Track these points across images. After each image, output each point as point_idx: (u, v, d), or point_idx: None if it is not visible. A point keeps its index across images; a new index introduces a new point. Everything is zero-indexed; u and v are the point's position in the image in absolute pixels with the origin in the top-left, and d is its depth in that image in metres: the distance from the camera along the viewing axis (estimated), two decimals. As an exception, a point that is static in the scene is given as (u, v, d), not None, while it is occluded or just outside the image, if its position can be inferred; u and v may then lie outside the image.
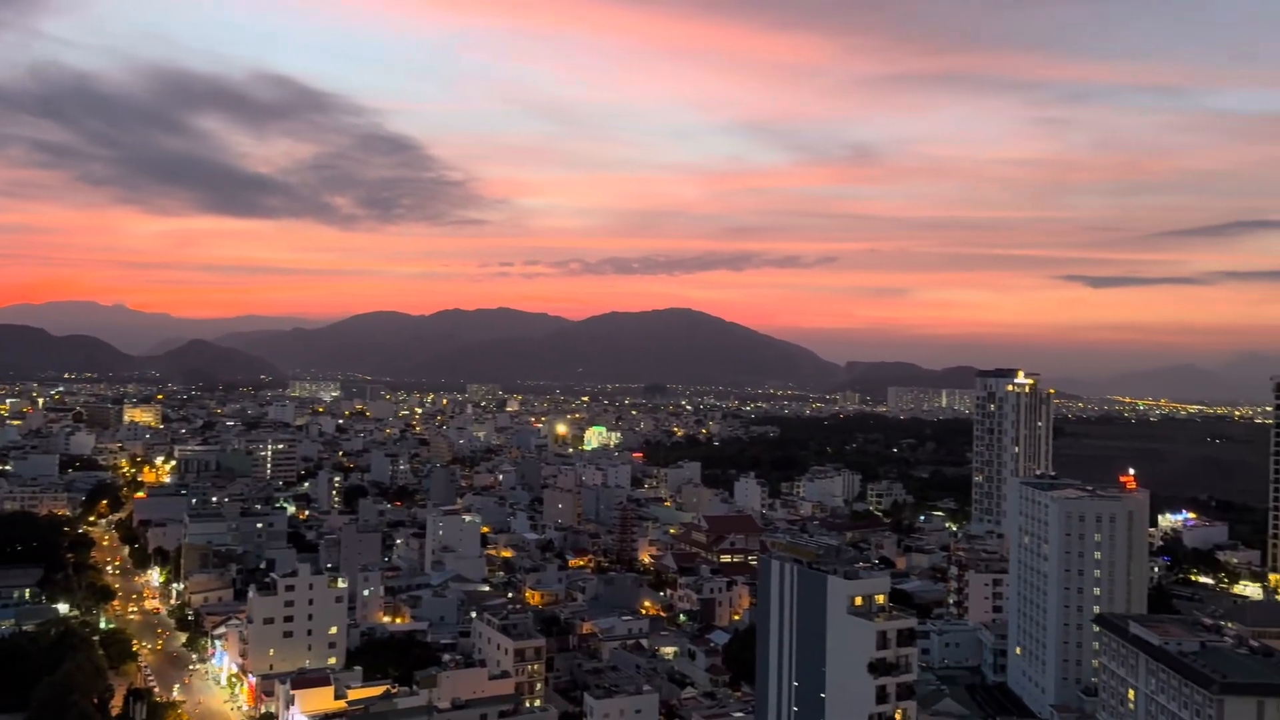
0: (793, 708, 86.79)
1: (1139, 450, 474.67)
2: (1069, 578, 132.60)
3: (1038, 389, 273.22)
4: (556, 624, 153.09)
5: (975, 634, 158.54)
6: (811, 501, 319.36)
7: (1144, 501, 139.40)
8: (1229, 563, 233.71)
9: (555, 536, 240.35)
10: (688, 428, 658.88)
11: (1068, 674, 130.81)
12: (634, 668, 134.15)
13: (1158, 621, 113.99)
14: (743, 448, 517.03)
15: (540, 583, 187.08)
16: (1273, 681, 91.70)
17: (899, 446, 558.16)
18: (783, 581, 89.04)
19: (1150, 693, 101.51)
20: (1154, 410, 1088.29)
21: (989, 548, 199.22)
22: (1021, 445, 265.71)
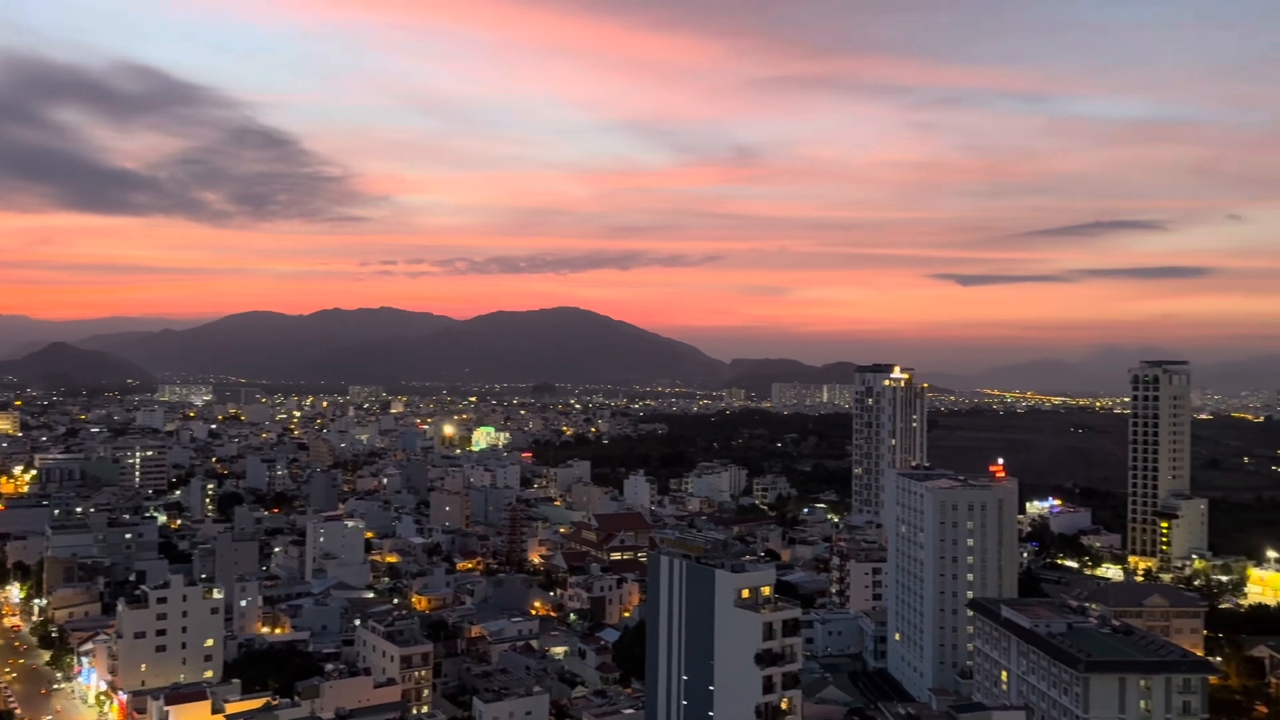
0: (682, 701, 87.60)
1: (1007, 441, 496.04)
2: (944, 565, 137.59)
3: (912, 383, 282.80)
4: (444, 628, 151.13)
5: (857, 622, 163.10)
6: (700, 497, 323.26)
7: (1013, 490, 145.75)
8: (1092, 547, 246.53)
9: (443, 540, 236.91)
10: (577, 427, 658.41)
11: (944, 658, 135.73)
12: (524, 669, 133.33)
13: (1027, 605, 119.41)
14: (632, 446, 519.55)
15: (427, 587, 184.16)
16: (1133, 659, 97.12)
17: (783, 441, 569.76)
18: (672, 577, 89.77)
19: (1022, 673, 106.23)
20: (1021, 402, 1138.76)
21: (868, 538, 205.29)
22: (898, 438, 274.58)
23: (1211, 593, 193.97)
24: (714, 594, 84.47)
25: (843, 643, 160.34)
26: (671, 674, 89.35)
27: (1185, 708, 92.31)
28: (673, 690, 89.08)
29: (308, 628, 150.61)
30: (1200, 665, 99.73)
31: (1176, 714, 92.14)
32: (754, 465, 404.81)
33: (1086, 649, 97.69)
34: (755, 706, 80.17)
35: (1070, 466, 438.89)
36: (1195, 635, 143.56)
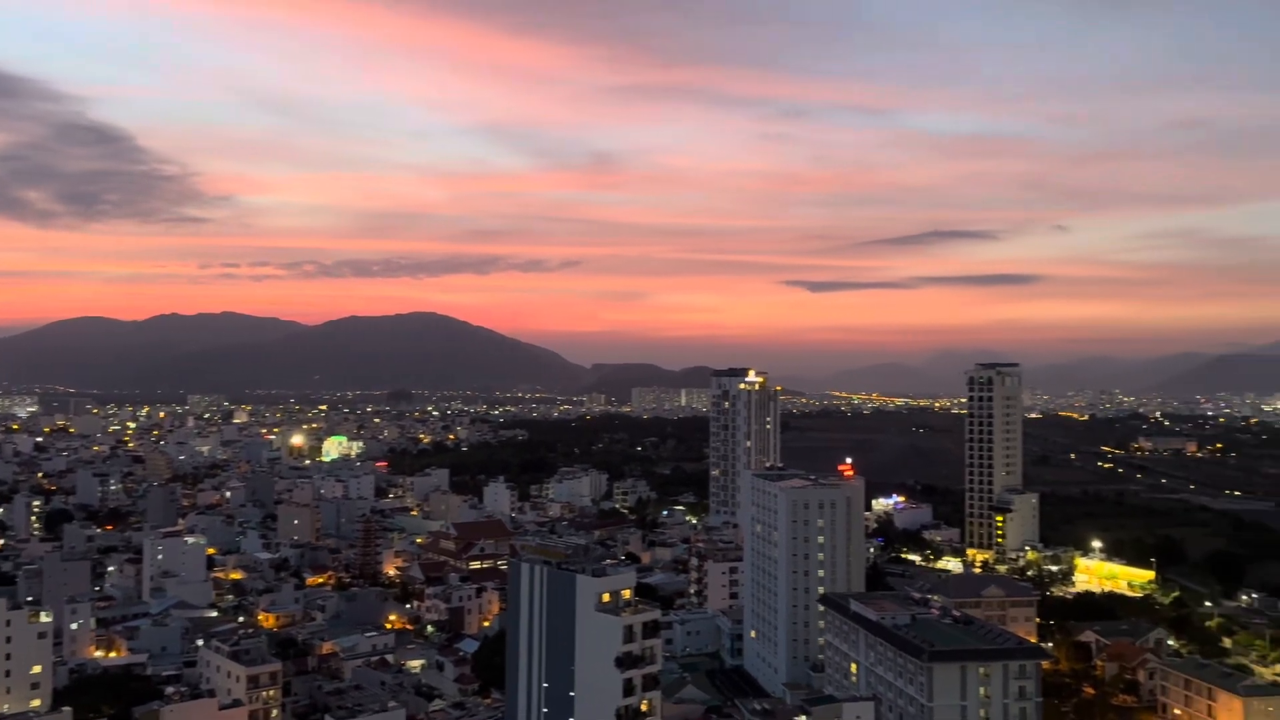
0: (543, 709, 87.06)
1: (855, 441, 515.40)
2: (796, 562, 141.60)
3: (766, 387, 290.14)
4: (293, 646, 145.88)
5: (714, 621, 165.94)
6: (560, 502, 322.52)
7: (860, 488, 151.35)
8: (933, 541, 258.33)
9: (291, 554, 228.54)
10: (435, 434, 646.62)
11: (797, 653, 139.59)
12: (379, 685, 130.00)
13: (874, 598, 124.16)
14: (492, 452, 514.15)
15: (275, 604, 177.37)
16: (972, 647, 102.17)
17: (643, 445, 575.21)
18: (532, 583, 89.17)
19: (870, 665, 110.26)
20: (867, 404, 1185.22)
21: (725, 538, 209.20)
22: (753, 440, 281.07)
23: (1043, 582, 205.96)
24: (575, 599, 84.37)
25: (701, 642, 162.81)
26: (532, 682, 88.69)
27: (1021, 692, 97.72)
28: (533, 698, 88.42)
29: (146, 650, 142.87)
30: (1034, 651, 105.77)
31: (1013, 699, 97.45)
32: (614, 469, 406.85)
33: (930, 639, 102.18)
34: (616, 710, 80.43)
35: (913, 464, 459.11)
36: (1029, 623, 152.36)
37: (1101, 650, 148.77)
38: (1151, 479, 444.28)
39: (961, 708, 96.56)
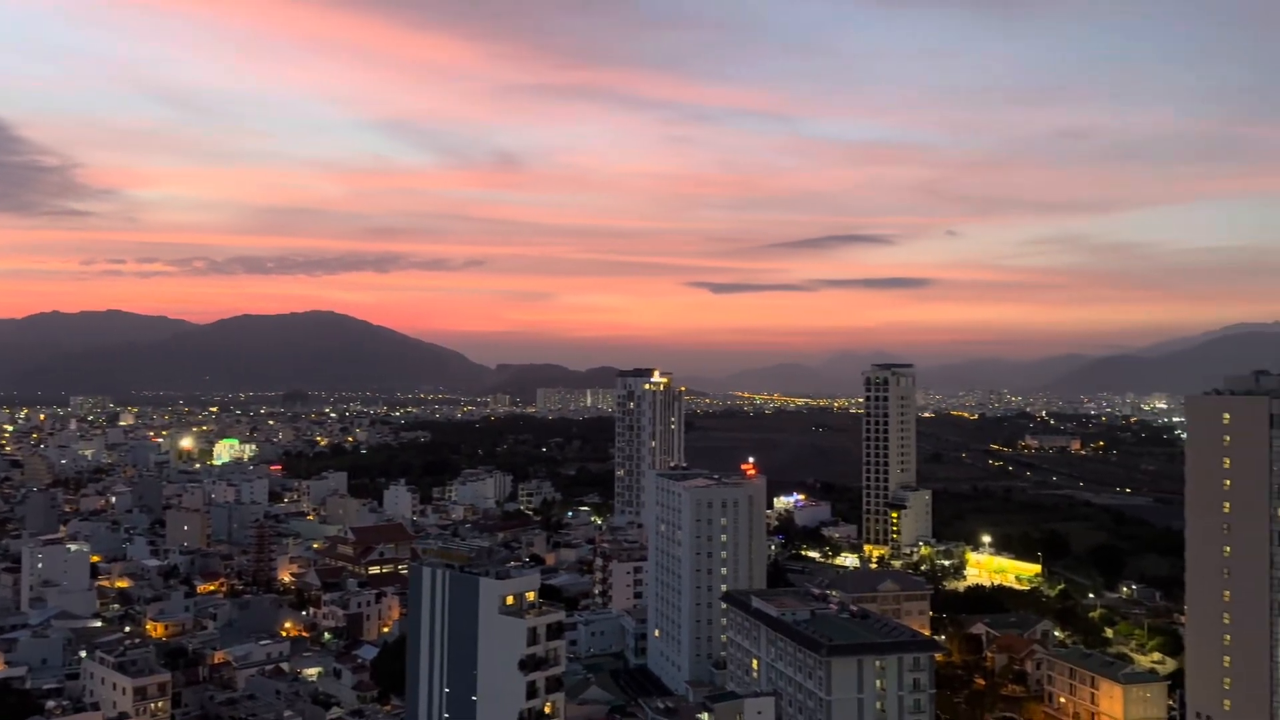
0: (444, 714, 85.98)
1: (757, 440, 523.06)
2: (700, 560, 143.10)
3: (671, 387, 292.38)
4: (184, 656, 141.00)
5: (619, 621, 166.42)
6: (464, 505, 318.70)
7: (762, 487, 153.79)
8: (832, 538, 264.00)
9: (181, 561, 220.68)
10: (332, 436, 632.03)
11: (700, 651, 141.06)
12: (274, 694, 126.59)
13: (775, 595, 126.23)
14: (392, 454, 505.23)
15: (164, 613, 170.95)
16: (869, 641, 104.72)
17: (548, 446, 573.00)
18: (434, 587, 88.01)
19: (771, 660, 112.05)
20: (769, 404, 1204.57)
21: (630, 538, 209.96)
22: (658, 439, 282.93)
23: (936, 576, 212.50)
24: (478, 602, 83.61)
25: (605, 642, 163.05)
26: (433, 687, 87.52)
27: (915, 684, 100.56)
28: (434, 703, 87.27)
29: (24, 662, 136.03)
30: (928, 644, 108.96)
31: (908, 691, 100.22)
32: (519, 470, 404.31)
33: (828, 634, 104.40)
34: (519, 712, 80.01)
35: (812, 463, 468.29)
36: (923, 616, 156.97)
37: (991, 642, 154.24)
38: (1038, 476, 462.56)
39: (858, 701, 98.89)
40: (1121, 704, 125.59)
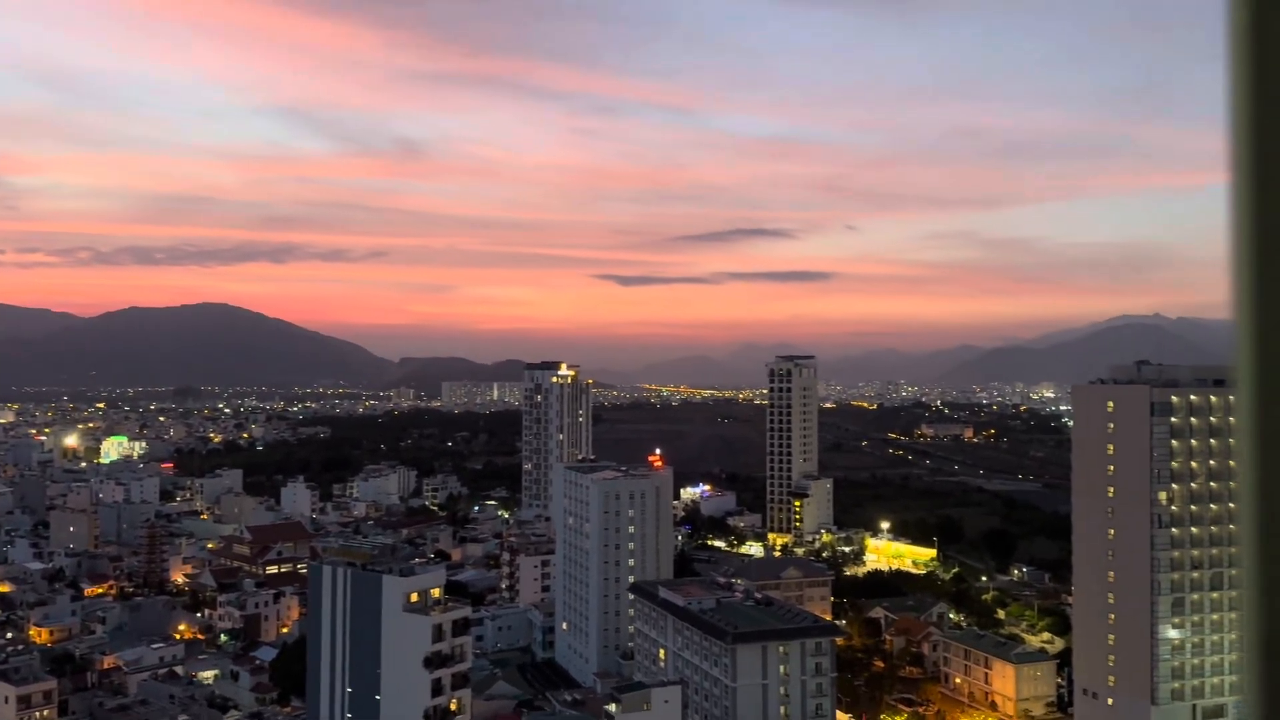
0: (347, 714, 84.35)
1: (664, 432, 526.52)
2: (608, 552, 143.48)
3: (578, 380, 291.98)
4: (71, 661, 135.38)
5: (526, 615, 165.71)
6: (366, 502, 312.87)
7: (669, 478, 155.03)
8: (737, 527, 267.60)
9: (67, 563, 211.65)
10: (227, 433, 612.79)
11: (608, 642, 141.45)
12: (168, 699, 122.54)
13: (682, 584, 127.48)
14: (290, 451, 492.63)
15: (48, 618, 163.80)
16: (772, 627, 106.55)
17: (454, 440, 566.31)
18: (335, 586, 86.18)
19: (678, 649, 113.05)
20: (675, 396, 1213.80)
21: (538, 531, 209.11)
22: (565, 433, 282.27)
23: (837, 562, 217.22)
24: (381, 600, 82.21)
25: (512, 637, 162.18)
26: (335, 687, 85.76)
27: (817, 668, 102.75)
28: (337, 703, 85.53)
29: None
30: (829, 629, 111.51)
31: (810, 675, 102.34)
32: (424, 465, 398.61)
33: (733, 622, 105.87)
34: (424, 710, 79.02)
35: (718, 454, 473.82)
36: (824, 602, 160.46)
37: (890, 625, 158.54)
38: (934, 464, 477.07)
39: (763, 686, 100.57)
40: (1014, 683, 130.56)
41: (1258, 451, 2.54)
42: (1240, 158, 2.58)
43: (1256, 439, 2.53)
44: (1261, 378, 2.51)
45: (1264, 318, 2.52)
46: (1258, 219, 2.54)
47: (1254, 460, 2.56)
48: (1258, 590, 2.59)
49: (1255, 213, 2.55)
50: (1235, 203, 2.62)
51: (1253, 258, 2.54)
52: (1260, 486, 2.53)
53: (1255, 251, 2.54)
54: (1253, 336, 2.53)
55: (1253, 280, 2.54)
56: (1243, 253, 2.57)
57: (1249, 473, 2.59)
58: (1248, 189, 2.55)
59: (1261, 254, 2.53)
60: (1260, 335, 2.52)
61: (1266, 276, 2.52)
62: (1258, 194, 2.53)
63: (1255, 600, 2.60)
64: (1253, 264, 2.54)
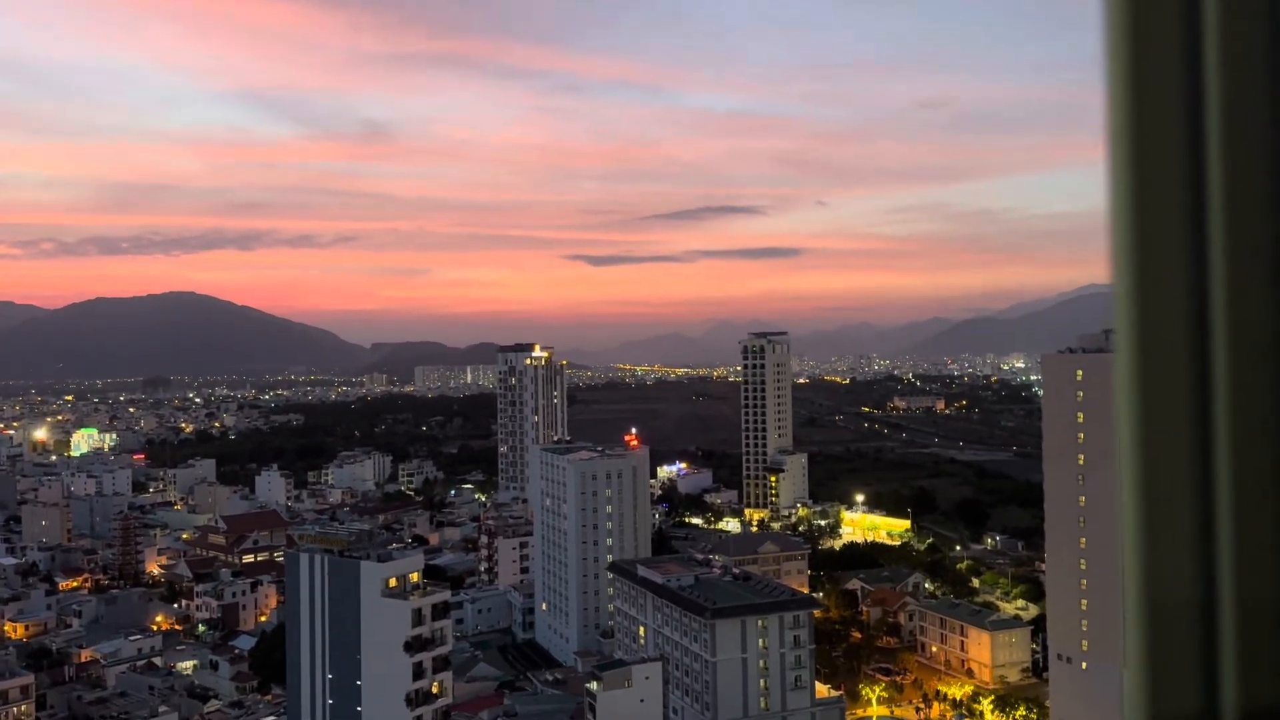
0: (328, 701, 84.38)
1: (639, 411, 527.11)
2: (586, 532, 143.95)
3: (552, 361, 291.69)
4: (48, 656, 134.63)
5: (505, 597, 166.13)
6: (341, 489, 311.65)
7: (645, 457, 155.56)
8: (714, 503, 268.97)
9: (40, 558, 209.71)
10: (198, 423, 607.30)
11: (588, 621, 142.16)
12: (147, 690, 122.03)
13: (660, 562, 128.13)
14: (263, 439, 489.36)
15: (23, 612, 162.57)
16: (751, 602, 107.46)
17: (428, 424, 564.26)
18: (313, 574, 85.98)
19: (657, 626, 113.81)
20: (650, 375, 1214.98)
21: (515, 513, 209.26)
22: (541, 414, 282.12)
23: (813, 536, 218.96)
24: (359, 586, 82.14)
25: (492, 619, 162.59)
26: (316, 674, 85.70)
27: (796, 641, 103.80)
28: (318, 690, 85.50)
29: None
30: (807, 602, 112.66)
31: (789, 647, 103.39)
32: (399, 451, 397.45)
33: (712, 597, 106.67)
34: (405, 694, 79.21)
35: (694, 431, 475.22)
36: (801, 575, 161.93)
37: (866, 596, 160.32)
38: (908, 436, 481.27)
39: (743, 660, 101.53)
40: (989, 650, 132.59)
41: (1135, 404, 2.63)
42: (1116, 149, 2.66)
43: (1133, 389, 2.62)
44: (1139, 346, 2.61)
45: (1138, 292, 2.61)
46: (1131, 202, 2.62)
47: (1130, 412, 2.65)
48: (1137, 545, 2.66)
49: (1130, 196, 2.62)
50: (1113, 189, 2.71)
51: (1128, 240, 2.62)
52: (1136, 446, 2.63)
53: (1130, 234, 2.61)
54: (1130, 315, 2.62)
55: (1129, 259, 2.62)
56: (1119, 234, 2.65)
57: (1126, 430, 2.68)
58: (1123, 181, 2.64)
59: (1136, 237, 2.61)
60: (1136, 309, 2.61)
61: (1140, 259, 2.60)
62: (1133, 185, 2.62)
63: (1135, 557, 2.67)
64: (1128, 243, 2.62)
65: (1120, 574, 2.54)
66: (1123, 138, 2.65)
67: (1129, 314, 2.64)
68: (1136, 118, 2.62)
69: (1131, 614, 2.67)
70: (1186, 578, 2.58)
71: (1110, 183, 2.73)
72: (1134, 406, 2.62)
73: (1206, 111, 2.54)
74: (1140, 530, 2.63)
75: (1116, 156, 2.67)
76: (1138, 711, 2.63)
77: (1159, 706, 2.61)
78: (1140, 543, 2.62)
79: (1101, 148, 2.24)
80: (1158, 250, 2.60)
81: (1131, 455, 2.64)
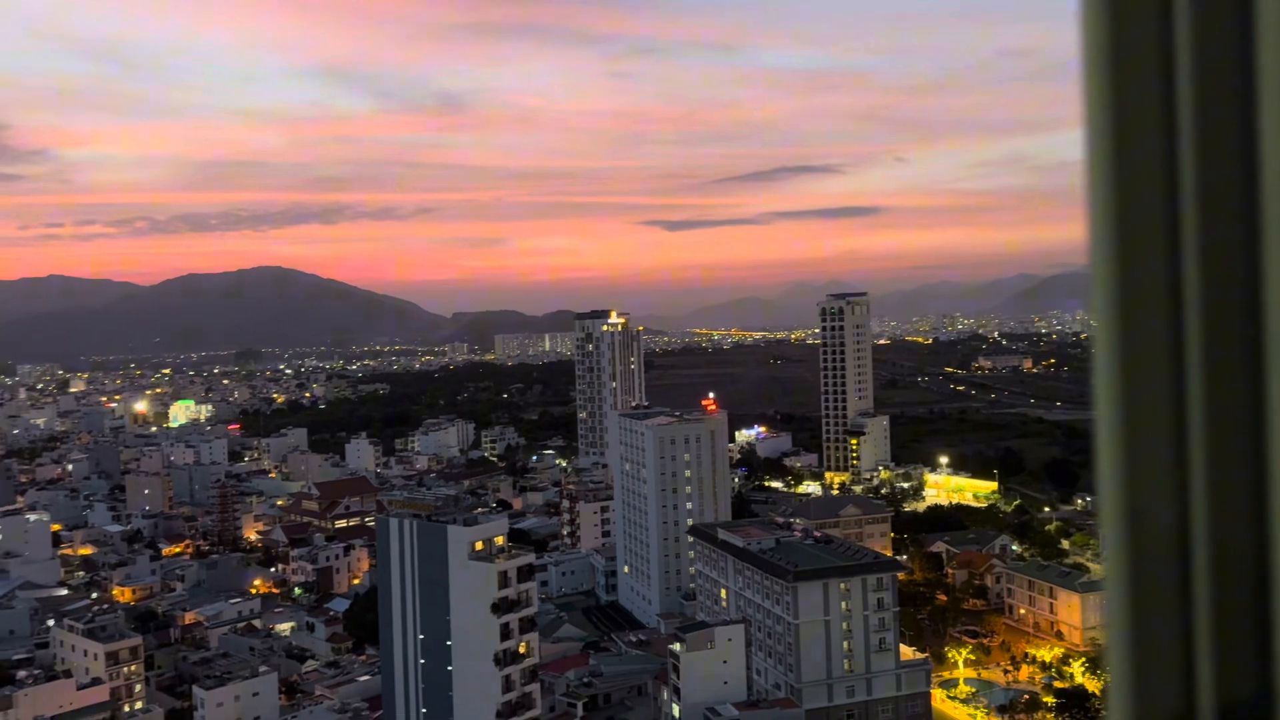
0: (419, 660, 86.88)
1: (716, 376, 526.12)
2: (665, 496, 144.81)
3: (629, 327, 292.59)
4: (154, 618, 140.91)
5: (588, 560, 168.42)
6: (427, 455, 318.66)
7: (723, 421, 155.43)
8: (794, 467, 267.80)
9: (144, 525, 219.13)
10: (289, 393, 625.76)
11: (669, 584, 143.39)
12: (248, 651, 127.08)
13: (740, 526, 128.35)
14: (352, 408, 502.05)
15: (130, 577, 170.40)
16: (833, 565, 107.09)
17: (509, 392, 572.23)
18: (402, 537, 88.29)
19: (739, 589, 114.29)
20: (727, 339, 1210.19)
21: (595, 478, 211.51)
22: (618, 380, 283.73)
23: (895, 499, 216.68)
24: (447, 550, 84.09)
25: (576, 581, 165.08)
26: (407, 634, 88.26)
27: (879, 603, 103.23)
28: (409, 650, 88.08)
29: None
30: (890, 564, 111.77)
31: (872, 610, 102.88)
32: (482, 418, 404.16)
33: (793, 560, 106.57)
34: (494, 654, 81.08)
35: (772, 395, 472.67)
36: (884, 538, 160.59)
37: (951, 559, 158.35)
38: (993, 395, 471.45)
39: (825, 622, 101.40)
40: (1080, 612, 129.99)
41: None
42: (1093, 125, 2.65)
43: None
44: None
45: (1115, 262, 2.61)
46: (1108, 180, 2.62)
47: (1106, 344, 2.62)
48: (1114, 471, 2.58)
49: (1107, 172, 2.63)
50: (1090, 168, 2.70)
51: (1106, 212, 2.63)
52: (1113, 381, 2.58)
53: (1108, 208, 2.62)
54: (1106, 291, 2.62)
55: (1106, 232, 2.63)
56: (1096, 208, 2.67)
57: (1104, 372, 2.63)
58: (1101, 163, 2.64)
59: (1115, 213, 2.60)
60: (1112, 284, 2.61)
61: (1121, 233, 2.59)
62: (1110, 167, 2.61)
63: (1113, 471, 2.59)
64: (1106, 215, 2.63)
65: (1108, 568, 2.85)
66: (1101, 130, 2.61)
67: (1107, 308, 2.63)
68: (1115, 112, 2.57)
69: (1113, 614, 2.63)
70: (1167, 583, 2.52)
71: (1088, 189, 2.71)
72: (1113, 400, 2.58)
73: (1180, 98, 2.48)
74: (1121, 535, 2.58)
75: (1094, 152, 2.66)
76: (1122, 711, 2.59)
77: (1143, 705, 2.56)
78: (1121, 548, 2.57)
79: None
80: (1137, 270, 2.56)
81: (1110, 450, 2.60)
